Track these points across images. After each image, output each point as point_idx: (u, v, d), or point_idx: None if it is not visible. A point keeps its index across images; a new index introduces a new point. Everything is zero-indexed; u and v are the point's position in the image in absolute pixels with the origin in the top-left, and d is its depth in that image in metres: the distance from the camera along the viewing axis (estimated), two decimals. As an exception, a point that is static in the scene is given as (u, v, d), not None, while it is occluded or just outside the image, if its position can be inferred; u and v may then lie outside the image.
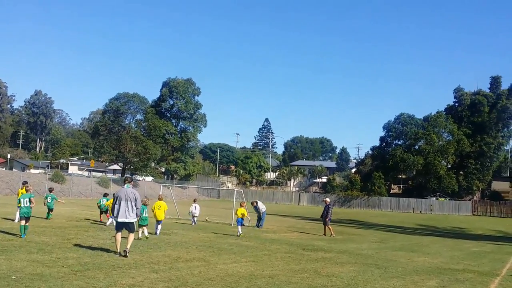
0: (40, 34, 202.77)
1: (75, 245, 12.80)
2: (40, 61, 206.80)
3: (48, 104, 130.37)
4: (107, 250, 11.97)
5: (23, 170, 76.68)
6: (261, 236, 20.18)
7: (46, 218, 20.58)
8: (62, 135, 75.98)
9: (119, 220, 11.43)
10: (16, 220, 16.78)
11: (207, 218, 27.55)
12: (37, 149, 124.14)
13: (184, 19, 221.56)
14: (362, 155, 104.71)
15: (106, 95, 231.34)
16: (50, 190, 22.25)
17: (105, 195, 22.60)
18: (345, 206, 70.70)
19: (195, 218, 24.11)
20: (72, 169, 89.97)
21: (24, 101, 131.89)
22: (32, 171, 76.03)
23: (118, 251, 11.35)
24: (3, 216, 20.16)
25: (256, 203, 25.92)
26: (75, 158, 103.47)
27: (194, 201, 25.43)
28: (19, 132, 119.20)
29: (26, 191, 14.72)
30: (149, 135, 73.48)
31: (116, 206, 11.46)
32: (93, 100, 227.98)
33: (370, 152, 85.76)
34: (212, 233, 19.69)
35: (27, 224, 13.85)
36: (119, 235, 11.47)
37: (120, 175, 77.46)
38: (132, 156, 70.88)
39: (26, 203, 13.91)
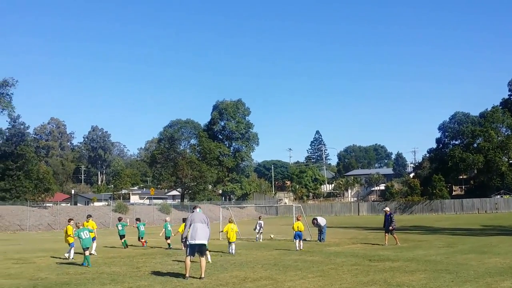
0: (91, 70, 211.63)
1: (145, 273, 13.18)
2: (94, 97, 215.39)
3: (105, 138, 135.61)
4: (176, 276, 12.28)
5: (87, 204, 79.55)
6: (324, 250, 20.03)
7: (124, 247, 21.90)
8: (122, 166, 78.77)
9: (197, 242, 11.56)
10: (72, 256, 17.43)
11: (271, 235, 27.61)
12: (99, 182, 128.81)
13: (226, 42, 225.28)
14: (419, 159, 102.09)
15: (160, 124, 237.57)
16: (119, 219, 23.39)
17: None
18: (406, 212, 68.93)
19: (261, 235, 24.58)
20: (134, 199, 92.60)
21: (83, 137, 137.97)
22: (96, 204, 78.85)
23: (188, 275, 11.57)
24: (75, 250, 20.98)
25: (316, 220, 25.79)
26: (135, 188, 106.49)
27: (259, 218, 26.05)
28: (81, 167, 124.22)
29: (77, 226, 16.11)
30: (204, 158, 74.80)
31: (192, 230, 11.63)
32: (148, 130, 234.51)
33: (427, 155, 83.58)
34: (275, 251, 19.73)
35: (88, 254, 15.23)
36: (189, 259, 11.72)
37: (179, 200, 79.00)
38: (189, 181, 72.33)
39: (86, 235, 15.47)
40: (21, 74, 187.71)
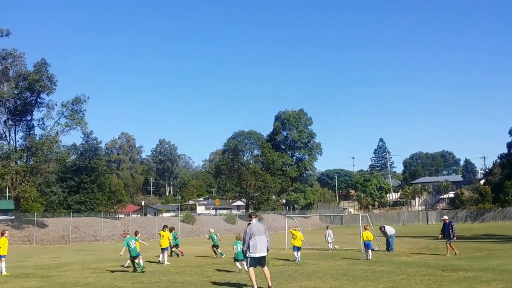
0: (158, 86, 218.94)
1: (215, 283, 13.45)
2: (161, 111, 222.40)
3: (172, 150, 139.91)
4: (245, 285, 12.46)
5: (156, 215, 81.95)
6: (394, 260, 19.61)
7: (177, 255, 23.32)
8: (189, 177, 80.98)
9: (258, 255, 11.49)
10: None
11: (336, 246, 27.37)
12: (167, 193, 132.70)
13: (287, 52, 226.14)
14: (489, 165, 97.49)
15: (223, 136, 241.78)
16: (171, 229, 23.69)
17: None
18: (478, 220, 66.14)
19: (331, 244, 25.18)
20: (200, 209, 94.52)
21: (151, 150, 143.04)
22: (164, 214, 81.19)
23: (256, 286, 11.62)
24: (147, 259, 21.74)
25: (384, 227, 25.35)
26: (201, 199, 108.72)
27: (327, 227, 26.14)
28: (149, 179, 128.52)
29: (125, 235, 17.31)
30: (268, 168, 75.27)
31: (252, 242, 11.50)
32: (212, 142, 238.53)
33: (498, 160, 79.80)
34: (343, 260, 19.54)
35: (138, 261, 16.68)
36: (252, 269, 11.70)
37: (244, 210, 79.86)
38: (254, 191, 73.08)
39: (134, 244, 16.67)
40: (93, 91, 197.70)
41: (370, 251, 20.14)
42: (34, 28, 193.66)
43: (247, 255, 11.76)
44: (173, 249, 23.93)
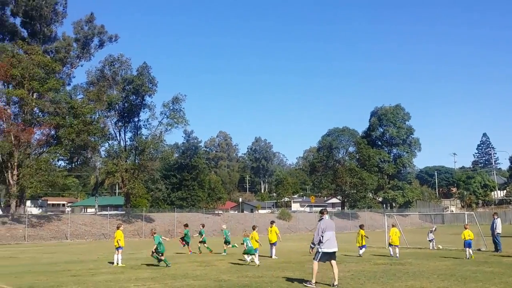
0: (251, 84, 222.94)
1: (317, 279, 13.50)
2: (256, 109, 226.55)
3: (267, 148, 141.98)
4: (348, 281, 12.50)
5: (252, 211, 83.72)
6: (503, 260, 18.59)
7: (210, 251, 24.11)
8: (285, 175, 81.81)
9: (331, 250, 11.73)
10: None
11: (439, 246, 26.42)
12: (262, 191, 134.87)
13: (380, 47, 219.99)
14: None
15: (317, 133, 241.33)
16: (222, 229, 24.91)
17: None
18: None
19: (430, 243, 25.13)
20: (295, 206, 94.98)
21: (247, 148, 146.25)
22: (260, 211, 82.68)
23: (315, 280, 11.75)
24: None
25: (497, 216, 24.24)
26: (295, 196, 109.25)
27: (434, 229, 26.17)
28: (245, 177, 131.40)
29: (154, 234, 18.65)
30: (363, 165, 73.93)
31: (325, 237, 11.70)
32: (306, 139, 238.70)
33: None
34: (447, 260, 18.85)
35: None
36: (318, 264, 11.85)
37: (339, 208, 79.10)
38: (349, 188, 72.15)
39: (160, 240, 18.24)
40: (193, 91, 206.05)
41: (470, 250, 19.60)
42: (133, 32, 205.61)
43: (319, 250, 11.85)
44: (199, 245, 24.62)
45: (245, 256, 18.54)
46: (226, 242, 23.78)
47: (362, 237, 21.60)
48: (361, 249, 21.44)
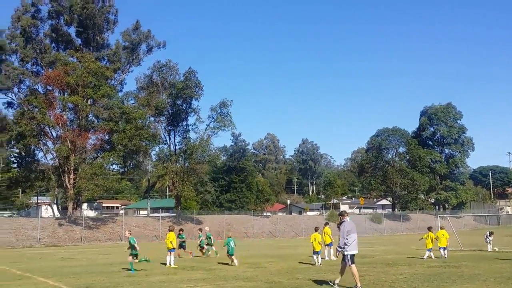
0: (299, 86, 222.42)
1: (368, 282, 13.42)
2: (303, 111, 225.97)
3: (314, 150, 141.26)
4: (401, 286, 12.29)
5: (300, 213, 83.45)
6: None
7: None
8: (334, 177, 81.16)
9: (353, 252, 11.85)
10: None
11: (495, 248, 25.54)
12: (310, 193, 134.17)
13: (431, 48, 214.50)
14: None
15: (365, 134, 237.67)
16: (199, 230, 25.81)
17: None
18: None
19: (488, 245, 24.74)
20: (343, 208, 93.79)
21: (294, 150, 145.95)
22: (309, 213, 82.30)
23: (359, 284, 11.66)
24: (298, 258, 22.37)
25: None
26: (344, 197, 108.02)
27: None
28: (293, 178, 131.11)
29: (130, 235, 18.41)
30: (414, 166, 72.34)
31: (349, 240, 11.83)
32: (354, 140, 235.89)
33: None
34: (504, 263, 18.21)
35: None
36: (355, 267, 11.84)
37: (390, 210, 77.67)
38: (400, 189, 70.77)
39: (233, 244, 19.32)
40: (240, 94, 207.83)
41: None
42: (181, 35, 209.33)
43: (345, 253, 11.90)
44: (200, 249, 24.13)
45: (233, 257, 19.46)
46: (209, 244, 23.73)
47: (433, 239, 20.98)
48: (429, 251, 20.85)
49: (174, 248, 19.06)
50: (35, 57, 50.10)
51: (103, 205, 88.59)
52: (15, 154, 52.36)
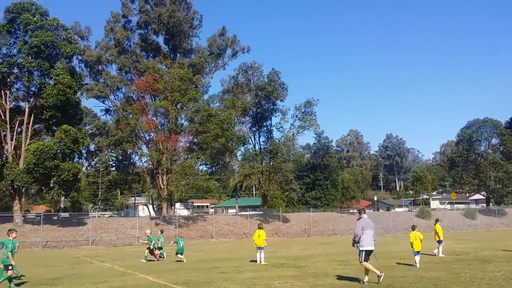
0: (381, 80, 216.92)
1: (466, 280, 13.14)
2: (387, 106, 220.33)
3: (400, 145, 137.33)
4: (499, 283, 12.00)
5: (388, 210, 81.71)
6: None
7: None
8: (424, 172, 78.26)
9: (369, 248, 12.39)
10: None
11: None
12: (397, 188, 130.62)
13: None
14: None
15: (454, 126, 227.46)
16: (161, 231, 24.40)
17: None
18: None
19: None
20: (434, 204, 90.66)
21: (378, 146, 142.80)
22: (397, 209, 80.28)
23: (379, 272, 12.47)
24: (390, 256, 22.12)
25: None
26: (434, 193, 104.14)
27: None
28: (378, 175, 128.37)
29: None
30: (509, 158, 68.27)
31: (364, 236, 12.39)
32: (442, 133, 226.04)
33: None
34: None
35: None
36: (367, 263, 12.53)
37: (484, 204, 73.91)
38: (494, 183, 67.16)
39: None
40: (322, 91, 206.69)
41: None
42: (258, 36, 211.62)
43: (360, 249, 12.54)
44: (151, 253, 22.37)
45: (179, 255, 21.11)
46: (155, 248, 22.32)
47: None
48: None
49: (263, 247, 19.56)
50: (129, 66, 53.39)
51: (194, 204, 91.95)
52: (113, 158, 56.01)
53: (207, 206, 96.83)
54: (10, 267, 13.24)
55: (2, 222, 40.49)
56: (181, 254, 21.31)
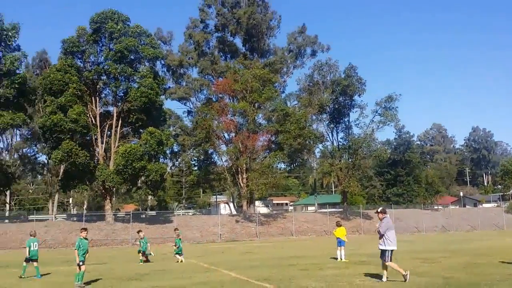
0: (462, 74, 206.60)
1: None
2: (472, 98, 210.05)
3: (488, 138, 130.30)
4: None
5: (475, 206, 78.05)
6: None
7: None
8: (514, 166, 73.65)
9: (392, 248, 12.53)
10: None
11: None
12: (485, 183, 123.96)
13: None
14: None
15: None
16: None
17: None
18: None
19: None
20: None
21: (464, 140, 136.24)
22: (485, 205, 76.43)
23: (404, 271, 12.56)
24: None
25: None
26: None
27: None
28: (464, 169, 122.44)
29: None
30: None
31: (390, 235, 12.55)
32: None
33: None
34: None
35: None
36: (392, 263, 12.70)
37: None
38: None
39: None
40: (404, 85, 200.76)
41: None
42: (335, 34, 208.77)
43: (389, 248, 12.57)
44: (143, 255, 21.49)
45: (177, 256, 21.09)
46: (144, 251, 21.59)
47: None
48: None
49: (343, 242, 19.54)
50: (208, 68, 55.08)
51: (273, 202, 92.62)
52: (195, 158, 57.93)
53: (286, 204, 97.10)
54: (81, 263, 13.33)
55: (95, 220, 43.42)
56: (180, 255, 21.23)
